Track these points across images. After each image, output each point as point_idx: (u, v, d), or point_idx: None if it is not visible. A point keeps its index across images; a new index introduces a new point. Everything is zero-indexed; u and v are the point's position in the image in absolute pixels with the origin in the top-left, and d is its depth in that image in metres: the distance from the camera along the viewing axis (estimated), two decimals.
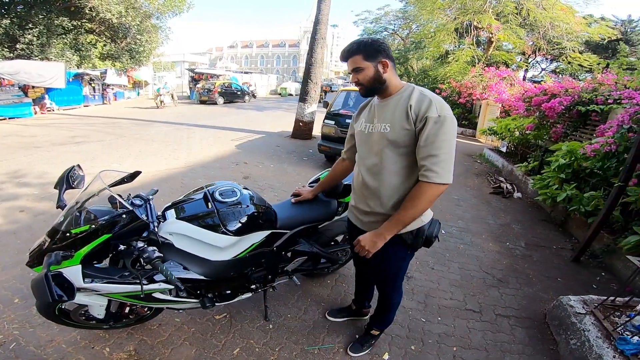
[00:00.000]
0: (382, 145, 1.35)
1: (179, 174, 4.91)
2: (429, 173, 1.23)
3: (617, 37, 17.51)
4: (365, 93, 1.41)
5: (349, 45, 1.36)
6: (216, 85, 17.92)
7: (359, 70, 1.34)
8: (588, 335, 1.88)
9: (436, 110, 1.23)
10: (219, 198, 1.62)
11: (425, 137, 1.23)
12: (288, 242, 1.81)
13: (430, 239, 1.47)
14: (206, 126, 9.84)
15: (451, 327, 2.20)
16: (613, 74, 6.08)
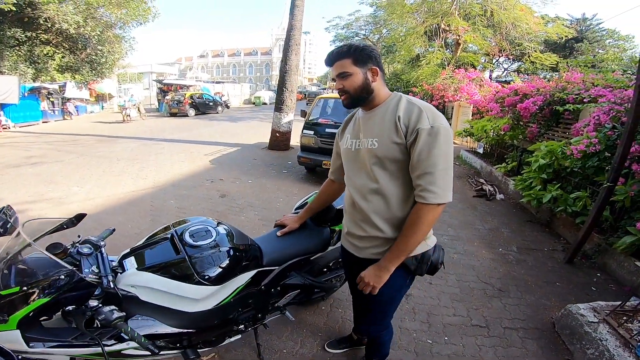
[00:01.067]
0: (371, 162, 1.24)
1: (147, 195, 4.59)
2: (425, 194, 1.12)
3: (574, 35, 18.66)
4: (350, 103, 1.27)
5: (338, 48, 1.25)
6: (187, 97, 17.43)
7: (346, 75, 1.22)
8: (606, 345, 1.86)
9: (428, 120, 1.12)
10: (190, 241, 1.37)
11: (418, 153, 1.12)
12: (277, 277, 1.61)
13: (436, 266, 1.35)
14: (177, 140, 9.45)
15: (460, 346, 2.10)
16: (578, 72, 6.35)
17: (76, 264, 1.19)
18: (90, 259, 1.21)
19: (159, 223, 3.61)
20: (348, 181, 1.38)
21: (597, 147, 3.44)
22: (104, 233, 1.41)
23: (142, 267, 1.29)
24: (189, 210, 3.99)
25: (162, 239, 1.42)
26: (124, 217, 3.78)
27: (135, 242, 3.03)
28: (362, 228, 1.31)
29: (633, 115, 2.76)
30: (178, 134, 10.88)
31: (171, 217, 3.79)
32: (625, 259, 2.86)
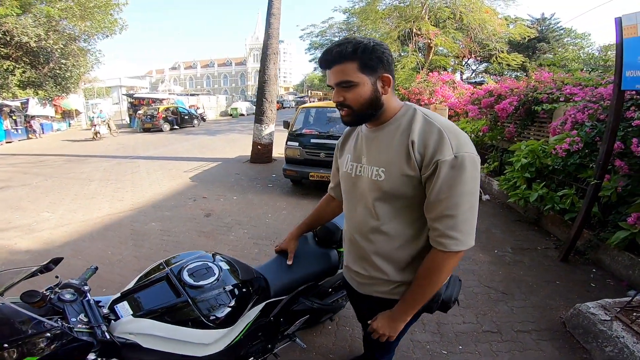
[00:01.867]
0: (374, 196, 1.02)
1: (126, 218, 4.37)
2: (445, 240, 0.92)
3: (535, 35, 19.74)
4: (352, 120, 1.01)
5: (339, 44, 0.94)
6: (160, 111, 17.01)
7: (350, 85, 0.94)
8: (625, 342, 1.90)
9: (451, 147, 0.89)
10: (190, 281, 1.24)
11: (438, 191, 0.90)
12: (285, 306, 1.53)
13: (448, 304, 1.18)
14: (153, 157, 9.15)
15: (476, 354, 2.08)
16: (547, 72, 6.66)
17: (58, 312, 1.06)
18: (75, 306, 1.08)
19: (142, 248, 3.44)
20: (347, 213, 1.19)
21: (579, 146, 3.59)
22: (85, 274, 1.25)
23: (138, 313, 1.16)
24: (173, 233, 3.82)
25: (157, 279, 1.28)
26: (102, 244, 3.58)
27: (118, 269, 2.92)
28: (363, 267, 1.14)
29: (614, 114, 2.89)
30: (153, 150, 10.55)
31: (155, 241, 3.62)
32: (619, 254, 2.95)
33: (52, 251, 3.41)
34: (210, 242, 3.57)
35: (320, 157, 5.15)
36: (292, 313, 1.60)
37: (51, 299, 1.06)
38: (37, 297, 1.02)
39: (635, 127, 3.02)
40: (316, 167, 5.17)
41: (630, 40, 2.64)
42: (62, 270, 3.13)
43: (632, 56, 2.64)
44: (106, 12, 16.13)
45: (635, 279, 2.75)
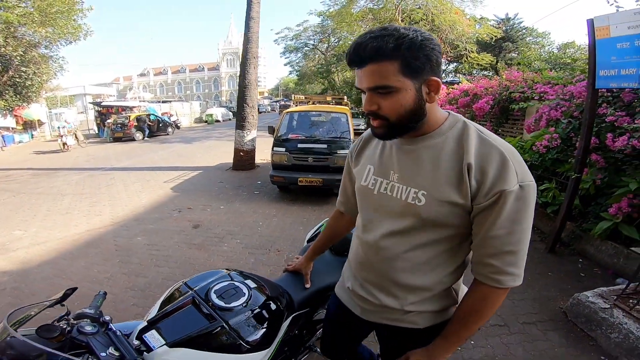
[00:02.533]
0: (408, 221, 0.87)
1: (107, 233, 4.19)
2: (503, 277, 0.82)
3: (502, 35, 20.72)
4: (387, 133, 0.85)
5: (375, 39, 0.74)
6: (131, 119, 16.44)
7: (388, 92, 0.77)
8: (629, 328, 2.02)
9: (516, 176, 0.76)
10: (221, 303, 1.18)
11: (499, 225, 0.78)
12: (308, 317, 1.53)
13: None
14: (128, 168, 8.83)
15: (488, 348, 2.16)
16: (516, 71, 7.01)
17: (80, 346, 0.97)
18: (99, 338, 1.00)
19: (130, 264, 3.32)
20: (362, 231, 1.02)
21: (557, 142, 3.81)
22: (96, 301, 1.15)
23: (171, 341, 1.09)
24: (162, 247, 3.70)
25: (183, 304, 1.20)
26: (86, 261, 3.42)
27: (108, 288, 2.82)
28: (373, 294, 1.01)
29: (589, 111, 3.09)
30: (127, 160, 10.20)
31: (143, 256, 3.50)
32: (602, 243, 3.15)
33: (31, 271, 3.24)
34: (203, 254, 3.50)
35: (308, 162, 5.17)
36: (313, 323, 1.60)
37: (70, 332, 0.98)
38: (56, 331, 0.94)
39: (608, 123, 3.22)
40: (304, 172, 5.18)
41: (603, 41, 2.82)
42: (47, 290, 3.01)
43: (604, 56, 2.83)
44: (69, 18, 15.49)
45: (621, 267, 2.94)
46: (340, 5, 17.80)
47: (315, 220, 4.49)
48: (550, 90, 4.67)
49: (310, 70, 27.66)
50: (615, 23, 2.66)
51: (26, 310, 1.06)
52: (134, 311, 2.55)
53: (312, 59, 26.76)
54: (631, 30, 2.52)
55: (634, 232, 2.84)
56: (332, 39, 22.86)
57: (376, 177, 0.95)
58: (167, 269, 3.20)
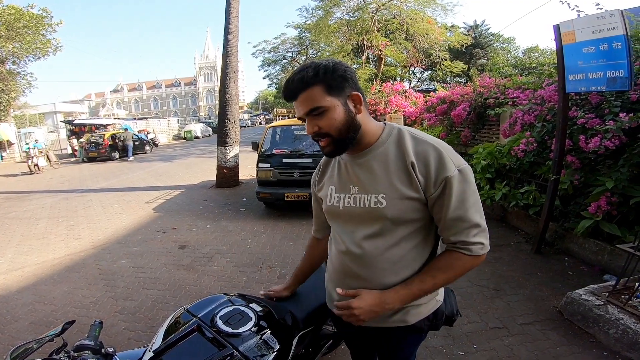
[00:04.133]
0: (376, 226, 0.97)
1: (89, 257, 4.07)
2: (473, 247, 0.94)
3: (471, 42, 21.72)
4: (334, 150, 0.96)
5: (298, 72, 0.91)
6: (106, 137, 16.08)
7: (321, 112, 0.90)
8: (626, 323, 2.09)
9: (452, 163, 0.91)
10: (229, 329, 1.16)
11: (454, 207, 0.90)
12: (313, 335, 1.53)
13: (452, 318, 1.20)
14: (105, 190, 8.62)
15: (491, 350, 2.21)
16: (488, 77, 7.34)
17: None
18: None
19: (116, 288, 3.24)
20: (337, 243, 1.09)
21: (534, 145, 4.01)
22: (93, 331, 1.12)
23: None
24: (148, 269, 3.62)
25: (188, 332, 1.18)
26: (68, 287, 3.32)
27: (95, 313, 2.76)
28: None
29: (562, 114, 3.28)
30: (104, 181, 9.93)
31: (129, 279, 3.42)
32: (585, 241, 3.31)
33: (11, 297, 3.15)
34: (193, 275, 3.44)
35: (294, 177, 5.20)
36: (318, 339, 1.61)
37: None
38: None
39: (579, 125, 3.42)
40: (291, 187, 5.20)
41: (569, 46, 3.00)
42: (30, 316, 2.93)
43: (572, 61, 3.02)
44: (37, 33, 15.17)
45: (606, 263, 3.09)
46: (317, 18, 18.24)
47: (305, 235, 4.51)
48: (521, 95, 4.90)
49: None
50: (580, 28, 2.84)
51: (25, 346, 1.04)
52: (127, 335, 2.48)
53: (290, 71, 27.04)
54: (595, 34, 2.70)
55: (615, 229, 2.99)
56: (310, 51, 23.32)
57: (339, 194, 1.05)
58: (157, 292, 3.13)
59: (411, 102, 10.78)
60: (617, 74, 2.59)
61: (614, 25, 2.53)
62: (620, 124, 2.84)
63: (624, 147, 3.00)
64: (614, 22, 2.53)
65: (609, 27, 2.57)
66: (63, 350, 1.03)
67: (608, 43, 2.60)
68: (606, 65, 2.66)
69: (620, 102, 3.16)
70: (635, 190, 2.91)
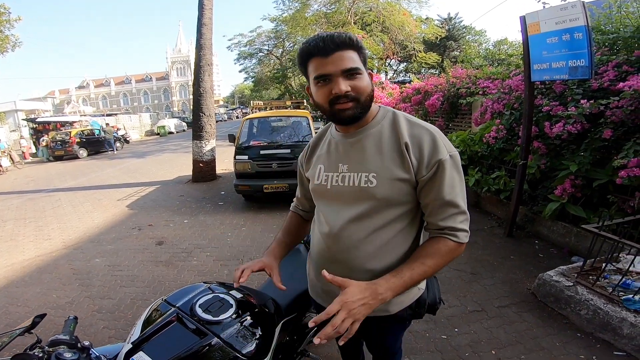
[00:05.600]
0: (364, 207, 0.95)
1: (61, 258, 3.91)
2: (459, 233, 0.94)
3: (445, 34, 22.23)
4: (357, 114, 0.92)
5: (334, 35, 0.90)
6: (73, 135, 15.36)
7: (358, 74, 0.89)
8: (595, 303, 2.15)
9: (445, 148, 0.91)
10: (207, 317, 1.14)
11: (444, 190, 0.90)
12: (296, 322, 1.53)
13: (435, 306, 1.19)
14: (74, 188, 8.26)
15: (472, 333, 2.28)
16: (460, 68, 7.56)
17: None
18: None
19: (92, 287, 3.15)
20: (321, 225, 1.07)
21: (503, 133, 4.18)
22: (68, 326, 1.08)
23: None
24: (125, 267, 3.53)
25: (167, 322, 1.15)
26: (41, 288, 3.19)
27: (73, 313, 2.66)
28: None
29: (528, 102, 3.43)
30: (73, 180, 9.52)
31: (105, 278, 3.32)
32: (553, 224, 3.48)
33: None
34: (172, 271, 3.38)
35: (272, 168, 5.18)
36: (302, 328, 1.61)
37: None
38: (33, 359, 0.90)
39: (544, 112, 3.59)
40: (269, 178, 5.17)
41: (534, 37, 3.12)
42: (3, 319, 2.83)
43: (537, 51, 3.15)
44: None
45: (573, 245, 3.25)
46: (294, 10, 18.06)
47: None
48: (491, 85, 5.08)
49: (266, 76, 27.59)
50: (545, 19, 2.96)
51: None
52: (106, 334, 2.43)
53: (267, 64, 26.77)
54: (558, 25, 2.82)
55: (580, 211, 3.16)
56: (287, 44, 23.09)
57: (327, 173, 1.03)
58: (135, 289, 3.06)
59: (387, 94, 10.91)
60: (579, 63, 2.73)
61: (576, 16, 2.65)
62: (582, 109, 3.00)
63: (586, 133, 3.17)
64: (575, 13, 2.65)
65: (571, 18, 2.69)
66: (37, 346, 0.99)
67: (570, 33, 2.72)
68: (568, 55, 2.79)
69: (582, 90, 3.33)
70: (598, 173, 3.07)
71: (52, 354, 0.94)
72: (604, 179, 3.02)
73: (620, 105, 2.81)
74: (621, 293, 2.17)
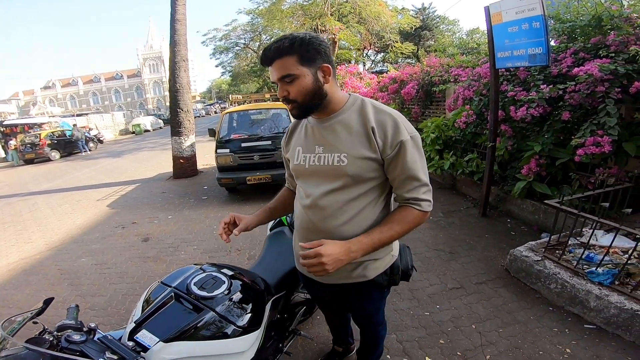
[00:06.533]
0: (338, 182, 1.09)
1: (46, 259, 3.88)
2: (423, 203, 1.10)
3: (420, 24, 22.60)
4: (300, 112, 1.09)
5: (276, 42, 1.02)
6: (43, 137, 14.78)
7: (292, 79, 1.01)
8: (562, 277, 2.27)
9: (406, 130, 1.05)
10: (202, 293, 1.25)
11: (408, 167, 1.05)
12: (285, 301, 1.63)
13: (408, 272, 1.32)
14: (50, 191, 8.04)
15: (453, 309, 2.40)
16: (435, 57, 7.79)
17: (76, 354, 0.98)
18: (91, 345, 1.02)
19: (82, 286, 3.17)
20: (302, 199, 1.20)
21: (473, 118, 4.41)
22: (71, 313, 1.14)
23: (165, 338, 1.11)
24: (112, 264, 3.55)
25: (166, 301, 1.23)
26: (30, 289, 3.20)
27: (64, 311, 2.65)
28: None
29: (493, 88, 3.65)
30: (48, 183, 9.23)
31: (93, 276, 3.34)
32: (522, 202, 3.72)
33: None
34: (161, 266, 3.44)
35: (254, 160, 5.25)
36: (292, 307, 1.72)
37: (62, 345, 0.99)
38: (45, 343, 0.98)
39: (509, 97, 3.81)
40: (252, 170, 5.24)
41: (498, 26, 3.31)
42: None
43: (500, 40, 3.34)
44: None
45: (542, 222, 3.48)
46: (270, 3, 17.86)
47: None
48: (462, 73, 5.29)
49: (243, 70, 27.22)
50: (506, 9, 3.14)
51: (13, 319, 1.07)
52: (103, 330, 2.46)
53: (244, 58, 26.39)
54: (518, 15, 3.01)
55: (546, 188, 3.40)
56: (264, 37, 22.82)
57: (305, 154, 1.17)
58: (126, 285, 3.11)
59: (365, 83, 11.08)
60: (537, 51, 2.94)
61: (533, 6, 2.85)
62: (542, 94, 3.22)
63: (548, 116, 3.41)
64: (533, 3, 2.84)
65: (529, 7, 2.89)
66: (46, 331, 1.06)
67: (529, 23, 2.92)
68: (528, 43, 3.00)
69: (542, 76, 3.56)
70: (560, 152, 3.30)
71: (61, 337, 1.01)
72: (566, 158, 3.26)
73: (577, 89, 3.05)
74: (585, 266, 2.30)
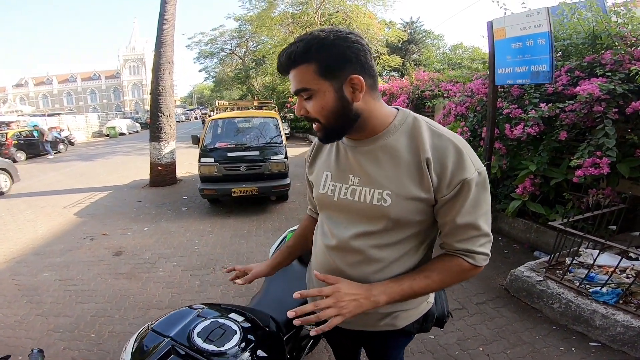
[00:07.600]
0: (376, 225, 0.87)
1: (2, 272, 3.48)
2: (478, 256, 0.86)
3: (407, 38, 23.18)
4: (325, 136, 0.86)
5: (291, 45, 0.78)
6: (9, 136, 13.89)
7: (309, 94, 0.79)
8: (566, 297, 2.27)
9: (472, 164, 0.80)
10: (210, 347, 1.01)
11: (466, 211, 0.81)
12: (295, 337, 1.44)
13: (443, 319, 1.15)
14: (12, 196, 7.43)
15: (457, 331, 2.33)
16: (424, 71, 7.89)
17: None
18: None
19: (43, 304, 2.84)
20: (325, 237, 0.98)
21: (468, 134, 4.39)
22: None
23: None
24: (79, 281, 3.20)
25: (163, 355, 1.00)
26: None
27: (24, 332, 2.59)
28: None
29: (491, 105, 3.62)
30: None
31: (57, 293, 3.00)
32: (514, 221, 3.70)
33: None
34: (136, 284, 3.13)
35: (241, 171, 5.01)
36: (299, 340, 1.55)
37: None
38: None
39: (505, 115, 3.80)
40: (237, 182, 5.00)
41: (500, 42, 3.29)
42: None
43: (501, 56, 3.34)
44: None
45: (534, 240, 3.47)
46: (260, 9, 17.89)
47: (256, 231, 4.39)
48: (453, 88, 5.33)
49: (227, 76, 26.97)
50: (510, 25, 3.14)
51: None
52: (69, 355, 2.20)
53: (229, 64, 26.24)
54: (523, 31, 3.01)
55: (540, 208, 3.39)
56: (251, 44, 22.82)
57: (335, 183, 0.93)
58: (95, 305, 2.80)
59: None
60: (540, 68, 2.92)
61: (540, 23, 2.83)
62: (541, 112, 3.21)
63: (542, 135, 3.41)
64: (540, 19, 2.83)
65: (535, 24, 2.87)
66: None
67: (534, 39, 2.91)
68: (531, 60, 2.98)
69: (538, 94, 3.57)
70: (554, 172, 3.31)
71: None
72: (560, 178, 3.26)
73: (574, 108, 3.04)
74: (587, 286, 2.31)
